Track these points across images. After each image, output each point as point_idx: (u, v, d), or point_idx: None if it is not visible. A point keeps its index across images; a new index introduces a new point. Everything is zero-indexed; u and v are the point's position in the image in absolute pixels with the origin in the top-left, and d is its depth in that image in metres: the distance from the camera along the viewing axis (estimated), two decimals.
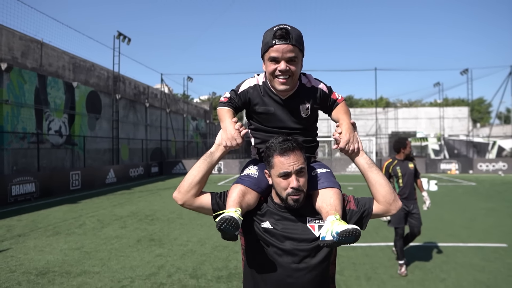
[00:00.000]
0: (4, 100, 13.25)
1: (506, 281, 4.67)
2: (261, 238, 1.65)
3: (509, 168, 23.33)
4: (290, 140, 1.59)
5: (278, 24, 1.60)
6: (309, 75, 1.79)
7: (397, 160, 5.48)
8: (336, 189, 1.64)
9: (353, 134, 1.66)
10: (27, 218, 9.49)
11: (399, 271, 5.00)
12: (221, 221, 1.44)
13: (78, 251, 6.35)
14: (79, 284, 4.79)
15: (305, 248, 1.60)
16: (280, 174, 1.57)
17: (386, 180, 1.63)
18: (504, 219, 8.75)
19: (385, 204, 1.62)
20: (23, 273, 5.24)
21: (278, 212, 1.66)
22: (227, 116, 1.70)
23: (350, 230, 1.40)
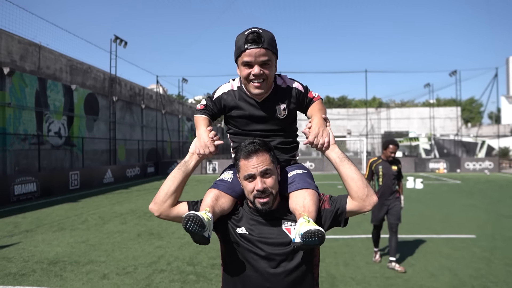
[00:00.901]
0: (6, 103, 13.74)
1: (467, 266, 5.29)
2: (237, 243, 1.64)
3: (495, 167, 24.14)
4: (255, 142, 1.59)
5: (249, 28, 1.59)
6: (284, 76, 1.79)
7: (381, 159, 5.63)
8: (311, 190, 1.62)
9: (323, 128, 1.62)
10: (31, 216, 10.00)
11: (373, 259, 5.56)
12: (185, 219, 1.43)
13: (83, 244, 6.90)
14: (88, 271, 5.34)
15: (281, 252, 1.58)
16: (245, 177, 1.57)
17: (359, 175, 1.57)
18: (479, 213, 9.41)
19: (358, 200, 1.57)
20: (36, 262, 5.78)
21: (253, 216, 1.65)
22: (202, 124, 1.71)
23: (313, 231, 1.39)
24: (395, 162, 5.61)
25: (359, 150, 36.51)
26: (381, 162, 5.60)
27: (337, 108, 57.28)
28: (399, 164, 5.65)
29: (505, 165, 29.94)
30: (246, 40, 1.55)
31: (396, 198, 5.53)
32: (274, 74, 1.69)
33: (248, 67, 1.59)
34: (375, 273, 5.08)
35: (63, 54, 18.80)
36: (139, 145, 25.24)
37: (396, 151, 5.58)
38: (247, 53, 1.56)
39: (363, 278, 4.88)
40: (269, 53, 1.58)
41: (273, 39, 1.62)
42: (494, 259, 5.56)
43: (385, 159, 5.58)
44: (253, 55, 1.56)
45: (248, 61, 1.58)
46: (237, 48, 1.61)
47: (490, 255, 5.80)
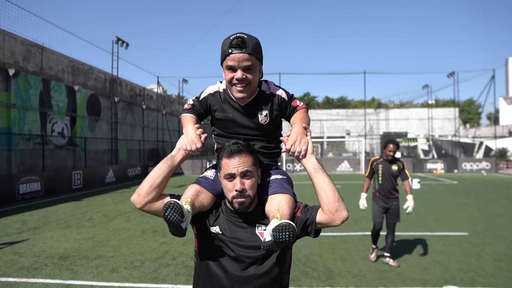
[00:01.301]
0: (12, 104, 14.02)
1: (458, 261, 5.57)
2: (211, 242, 1.65)
3: (492, 168, 24.44)
4: (238, 143, 1.62)
5: (235, 33, 1.63)
6: (270, 82, 1.81)
7: (382, 159, 5.72)
8: (287, 195, 1.63)
9: (301, 137, 1.63)
10: (37, 214, 10.26)
11: (370, 255, 5.70)
12: (165, 206, 1.44)
13: (91, 240, 7.17)
14: (97, 265, 5.61)
15: (251, 255, 1.59)
16: (225, 176, 1.59)
17: (331, 188, 1.55)
18: (473, 212, 9.70)
19: (328, 213, 1.55)
20: (47, 257, 6.05)
21: (229, 217, 1.67)
22: (189, 122, 1.74)
23: (284, 225, 1.40)
24: (395, 162, 5.68)
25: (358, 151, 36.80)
26: (381, 161, 5.70)
27: (336, 109, 57.54)
28: (400, 164, 5.71)
29: (503, 166, 30.26)
30: (231, 44, 1.59)
31: (395, 198, 5.61)
32: (258, 79, 1.72)
33: (232, 71, 1.63)
34: (370, 267, 5.35)
35: (65, 55, 19.06)
36: (140, 145, 25.51)
37: (396, 150, 5.64)
38: (231, 57, 1.59)
39: (359, 272, 5.16)
40: (252, 58, 1.61)
41: (258, 45, 1.65)
42: (484, 255, 5.85)
43: (385, 158, 5.67)
44: (236, 60, 1.59)
45: (231, 65, 1.61)
46: (222, 52, 1.65)
47: (480, 251, 6.08)
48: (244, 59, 1.59)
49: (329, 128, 50.29)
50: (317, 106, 67.62)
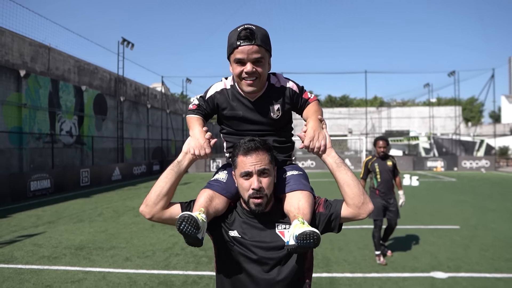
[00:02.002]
0: (23, 104, 14.53)
1: (446, 251, 5.99)
2: (230, 246, 1.60)
3: (491, 166, 24.78)
4: (255, 140, 1.56)
5: (242, 24, 1.56)
6: (279, 75, 1.74)
7: (375, 157, 5.85)
8: (306, 192, 1.58)
9: (319, 131, 1.59)
10: (50, 209, 10.73)
11: (378, 261, 5.41)
12: (179, 220, 1.37)
13: (103, 233, 7.62)
14: (111, 255, 6.06)
15: (275, 256, 1.55)
16: (241, 174, 1.53)
17: (355, 181, 1.53)
18: (467, 208, 10.10)
19: (354, 207, 1.53)
20: (64, 248, 6.51)
21: (246, 219, 1.61)
22: (196, 124, 1.65)
23: (308, 233, 1.35)
24: (388, 158, 5.83)
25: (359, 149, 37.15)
26: (376, 160, 5.81)
27: (339, 108, 57.82)
28: (392, 159, 5.85)
29: (503, 164, 30.56)
30: (239, 36, 1.52)
31: (393, 193, 5.77)
32: (268, 72, 1.65)
33: (241, 65, 1.56)
34: (365, 256, 5.77)
35: (71, 55, 19.52)
36: (145, 143, 26.01)
37: (386, 146, 5.77)
38: (240, 50, 1.53)
39: (354, 260, 5.59)
40: (262, 50, 1.55)
41: (267, 36, 1.58)
42: (472, 245, 6.26)
43: (378, 156, 5.81)
44: (245, 52, 1.52)
45: (240, 58, 1.54)
46: (229, 45, 1.58)
47: (469, 242, 6.49)
48: (253, 51, 1.52)
49: (331, 127, 50.59)
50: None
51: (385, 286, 4.56)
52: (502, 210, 9.69)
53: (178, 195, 1.74)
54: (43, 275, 5.13)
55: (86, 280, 4.90)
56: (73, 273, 5.21)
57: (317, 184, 15.03)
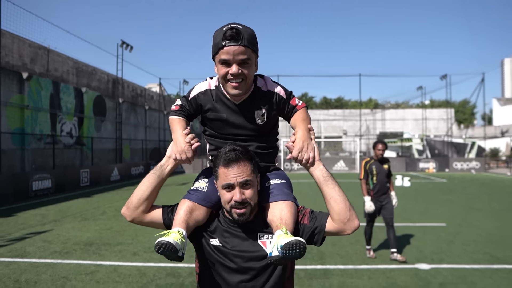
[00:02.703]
0: (25, 106, 14.86)
1: (432, 245, 6.46)
2: (210, 255, 1.57)
3: (481, 167, 25.42)
4: (236, 150, 1.50)
5: (228, 23, 1.49)
6: (267, 78, 1.69)
7: (373, 159, 6.03)
8: (289, 202, 1.55)
9: (308, 142, 1.55)
10: (53, 209, 11.08)
11: (368, 255, 5.82)
12: (157, 246, 1.37)
13: (109, 230, 8.01)
14: (119, 250, 6.46)
15: (255, 266, 1.53)
16: (223, 186, 1.49)
17: (342, 196, 1.49)
18: (454, 207, 10.61)
19: (339, 223, 1.49)
20: (73, 244, 6.89)
21: (228, 228, 1.59)
22: (178, 126, 1.61)
23: (293, 243, 1.32)
24: (385, 161, 6.04)
25: (353, 151, 37.71)
26: (373, 162, 6.00)
27: (334, 109, 58.41)
28: (388, 163, 6.08)
29: (493, 165, 31.26)
30: (224, 36, 1.45)
31: (387, 195, 5.96)
32: (254, 74, 1.59)
33: (226, 66, 1.49)
34: (356, 251, 6.23)
35: (70, 57, 19.82)
36: (143, 144, 26.35)
37: (385, 149, 5.99)
38: (225, 50, 1.46)
39: (346, 254, 6.04)
40: (248, 51, 1.48)
41: (254, 36, 1.52)
42: (455, 241, 6.74)
43: (376, 158, 6.00)
44: (231, 53, 1.46)
45: (225, 59, 1.48)
46: (214, 45, 1.51)
47: (453, 238, 6.98)
48: (239, 52, 1.46)
49: (326, 128, 51.17)
50: (315, 106, 68.43)
51: (373, 276, 5.01)
52: (487, 209, 10.21)
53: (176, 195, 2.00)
54: (57, 268, 5.51)
55: (99, 272, 5.30)
56: (85, 266, 5.60)
57: (310, 185, 15.50)
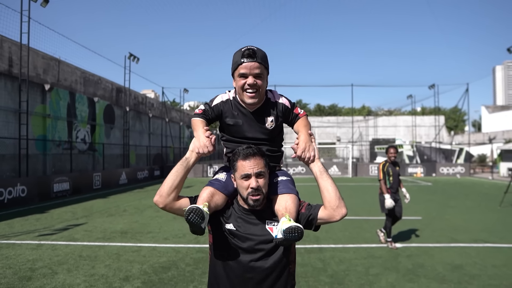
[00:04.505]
0: (47, 115, 16.26)
1: (406, 232, 7.95)
2: (225, 237, 1.84)
3: (466, 172, 27.08)
4: (252, 147, 1.81)
5: (245, 46, 1.83)
6: (274, 91, 2.01)
7: (388, 162, 6.91)
8: (293, 195, 1.84)
9: (309, 144, 1.83)
10: (78, 207, 12.40)
11: (390, 246, 6.66)
12: (188, 211, 1.62)
13: (136, 223, 9.39)
14: (151, 237, 7.86)
15: (263, 248, 1.80)
16: (241, 176, 1.77)
17: (333, 187, 1.78)
18: (432, 205, 12.12)
19: (329, 209, 1.76)
20: (111, 232, 8.28)
21: (241, 215, 1.85)
22: (200, 126, 1.89)
23: (293, 228, 1.62)
24: (397, 164, 7.00)
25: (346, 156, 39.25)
26: (389, 165, 6.89)
27: (328, 116, 59.94)
28: (399, 165, 7.08)
29: (478, 170, 32.98)
30: (243, 55, 1.79)
31: (399, 192, 7.01)
32: (266, 87, 1.90)
33: (244, 78, 1.81)
34: (345, 236, 7.71)
35: (78, 67, 21.08)
36: (147, 150, 27.74)
37: (396, 153, 6.88)
38: (243, 66, 1.79)
39: (337, 237, 7.51)
40: (261, 67, 1.81)
41: (266, 56, 1.86)
42: (426, 229, 8.25)
43: (390, 161, 6.85)
44: (248, 68, 1.78)
45: (243, 73, 1.80)
46: (234, 63, 1.84)
47: (425, 227, 8.48)
48: (255, 67, 1.79)
49: (320, 135, 52.65)
50: (309, 113, 69.98)
51: (357, 251, 6.50)
52: (460, 207, 11.76)
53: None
54: (107, 248, 6.91)
55: (142, 251, 6.71)
56: (129, 247, 7.00)
57: (305, 188, 16.95)
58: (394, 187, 6.87)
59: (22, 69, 14.90)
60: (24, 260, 6.10)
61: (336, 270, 5.44)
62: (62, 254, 6.47)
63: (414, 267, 5.59)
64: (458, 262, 5.80)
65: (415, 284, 4.89)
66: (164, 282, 5.06)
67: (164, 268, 5.65)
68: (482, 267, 5.57)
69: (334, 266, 5.64)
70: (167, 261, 6.02)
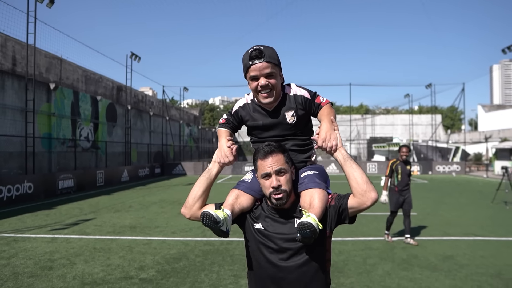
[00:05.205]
0: (52, 113, 16.60)
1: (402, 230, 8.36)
2: (254, 237, 1.83)
3: (461, 170, 27.57)
4: (270, 144, 1.78)
5: (252, 47, 1.80)
6: (292, 85, 1.96)
7: (399, 160, 7.11)
8: (318, 189, 1.76)
9: (330, 133, 1.77)
10: (84, 203, 12.77)
11: (387, 239, 7.07)
12: (201, 216, 1.67)
13: (143, 218, 9.77)
14: (160, 231, 8.24)
15: (292, 247, 1.73)
16: (262, 176, 1.75)
17: (359, 172, 1.70)
18: (428, 202, 12.56)
19: (358, 196, 1.68)
20: (120, 227, 8.66)
21: (269, 214, 1.83)
22: (223, 136, 1.93)
23: (304, 223, 1.56)
24: (408, 163, 7.15)
25: None
26: (399, 163, 7.08)
27: None
28: (410, 164, 7.23)
29: (474, 169, 33.50)
30: (250, 57, 1.77)
31: (408, 191, 7.12)
32: (281, 83, 1.87)
33: (255, 80, 1.80)
34: (344, 230, 8.12)
35: (80, 66, 21.38)
36: (148, 148, 28.10)
37: (408, 152, 7.05)
38: (252, 68, 1.78)
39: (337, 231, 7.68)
40: (271, 65, 1.78)
41: (275, 53, 1.82)
42: (420, 223, 8.69)
43: (401, 159, 7.06)
44: (258, 69, 1.77)
45: (254, 75, 1.78)
46: (244, 66, 1.83)
47: (419, 222, 8.91)
48: (264, 67, 1.76)
49: None
50: None
51: (355, 243, 6.93)
52: (454, 203, 12.21)
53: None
54: (118, 241, 7.29)
55: (152, 243, 7.10)
56: (139, 240, 7.39)
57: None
58: (401, 185, 7.07)
59: (28, 69, 15.21)
60: (42, 252, 6.48)
61: (336, 260, 5.85)
62: (77, 246, 6.85)
63: (408, 258, 6.01)
64: (449, 253, 6.24)
65: (409, 272, 5.32)
66: (177, 271, 5.45)
67: (175, 259, 6.05)
68: (471, 257, 6.01)
69: (334, 257, 6.04)
70: (177, 252, 6.42)
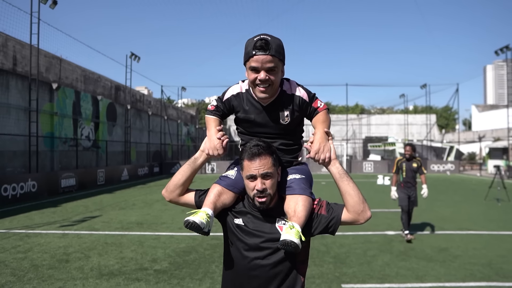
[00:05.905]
0: (54, 113, 16.82)
1: (399, 221, 8.74)
2: (233, 232, 1.81)
3: (455, 169, 28.11)
4: (259, 145, 1.70)
5: (259, 34, 1.67)
6: (292, 82, 1.85)
7: (404, 158, 7.42)
8: (304, 196, 1.72)
9: (324, 144, 1.71)
10: (89, 202, 13.00)
11: (406, 238, 6.89)
12: (185, 223, 1.66)
13: (148, 215, 10.06)
14: (166, 226, 8.55)
15: (270, 246, 1.72)
16: (247, 177, 1.70)
17: (356, 191, 1.68)
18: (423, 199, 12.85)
19: (354, 214, 1.69)
20: (127, 223, 8.94)
21: (251, 211, 1.80)
22: (213, 125, 1.84)
23: (287, 242, 1.56)
24: (414, 160, 7.40)
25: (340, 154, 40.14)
26: (404, 161, 7.41)
27: None
28: (418, 162, 7.37)
29: (468, 168, 34.08)
30: (255, 46, 1.64)
31: (414, 188, 7.34)
32: (280, 79, 1.77)
33: (255, 72, 1.68)
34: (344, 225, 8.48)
35: (79, 65, 21.52)
36: (147, 147, 28.34)
37: (412, 150, 7.35)
38: (255, 59, 1.65)
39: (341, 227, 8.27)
40: (275, 60, 1.66)
41: (281, 46, 1.70)
42: (417, 220, 9.06)
43: (406, 158, 7.40)
44: (260, 61, 1.64)
45: (255, 67, 1.66)
46: (245, 53, 1.70)
47: (416, 218, 9.26)
48: (267, 60, 1.64)
49: None
50: None
51: (355, 237, 7.28)
52: (448, 200, 12.63)
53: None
54: (128, 236, 7.58)
55: (161, 238, 7.40)
56: (148, 235, 7.69)
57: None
58: (407, 182, 7.34)
59: (32, 69, 15.43)
60: (56, 246, 6.76)
61: (338, 253, 6.21)
62: (89, 241, 7.14)
63: (406, 250, 6.39)
64: (444, 246, 6.62)
65: (406, 262, 5.68)
66: (188, 262, 5.77)
67: (185, 252, 6.37)
68: (464, 249, 6.39)
69: (336, 249, 6.41)
70: (187, 246, 6.74)
